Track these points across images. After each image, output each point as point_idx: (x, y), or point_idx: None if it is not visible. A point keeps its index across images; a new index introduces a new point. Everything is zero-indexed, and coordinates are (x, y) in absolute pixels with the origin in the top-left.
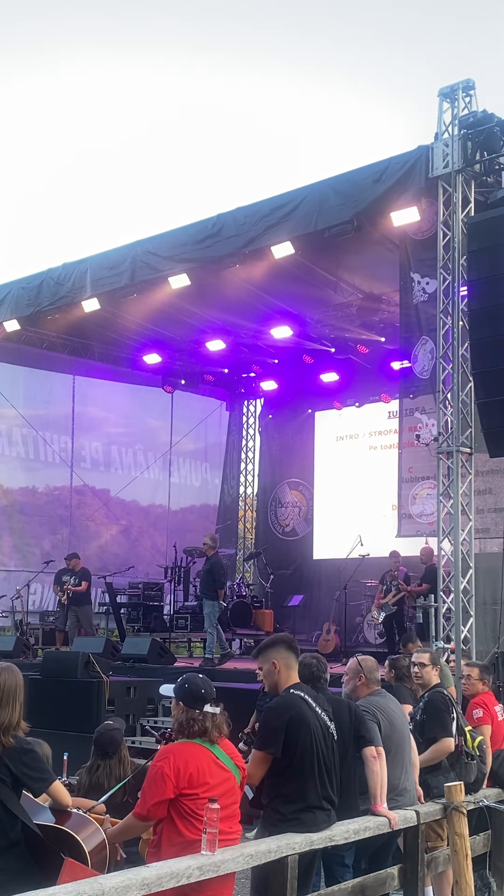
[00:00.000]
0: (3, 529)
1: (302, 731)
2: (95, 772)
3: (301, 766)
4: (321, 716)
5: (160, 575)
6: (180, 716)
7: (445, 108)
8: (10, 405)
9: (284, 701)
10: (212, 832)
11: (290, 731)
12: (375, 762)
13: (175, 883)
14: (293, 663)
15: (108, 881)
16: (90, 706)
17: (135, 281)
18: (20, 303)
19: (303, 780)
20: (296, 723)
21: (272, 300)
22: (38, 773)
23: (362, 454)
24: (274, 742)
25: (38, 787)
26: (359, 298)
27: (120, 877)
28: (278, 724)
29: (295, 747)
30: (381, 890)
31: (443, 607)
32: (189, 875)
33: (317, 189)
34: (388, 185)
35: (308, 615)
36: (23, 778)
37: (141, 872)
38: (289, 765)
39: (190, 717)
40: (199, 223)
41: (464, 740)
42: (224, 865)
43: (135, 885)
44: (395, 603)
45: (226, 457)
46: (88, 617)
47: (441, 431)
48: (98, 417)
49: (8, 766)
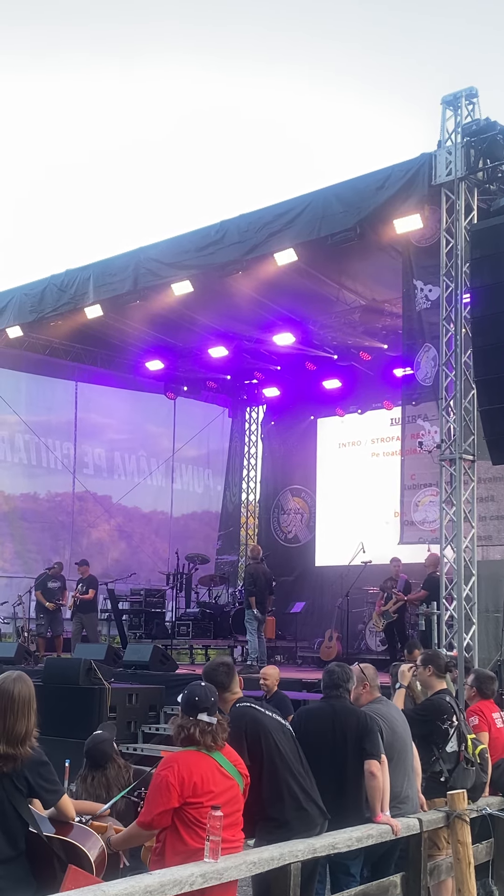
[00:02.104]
0: (4, 536)
1: (262, 734)
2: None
3: (272, 765)
4: (273, 716)
5: (162, 582)
6: (176, 721)
7: (448, 116)
8: (12, 411)
9: (235, 712)
10: (215, 840)
11: (250, 735)
12: (374, 777)
13: (178, 890)
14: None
15: (111, 888)
16: (92, 713)
17: (137, 287)
18: (23, 309)
19: (277, 779)
20: (253, 728)
21: (275, 307)
22: (52, 784)
23: (364, 461)
24: (238, 750)
25: (51, 799)
26: (361, 305)
27: (123, 884)
28: (238, 734)
29: (260, 750)
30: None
31: (445, 615)
32: (192, 882)
33: (320, 196)
34: (392, 192)
35: (310, 622)
36: (38, 789)
37: (144, 880)
38: (261, 769)
39: (181, 724)
40: (202, 230)
41: (465, 747)
42: (227, 873)
43: (138, 892)
44: (396, 611)
45: (228, 463)
46: (94, 624)
47: (444, 438)
48: (100, 424)
49: (26, 777)
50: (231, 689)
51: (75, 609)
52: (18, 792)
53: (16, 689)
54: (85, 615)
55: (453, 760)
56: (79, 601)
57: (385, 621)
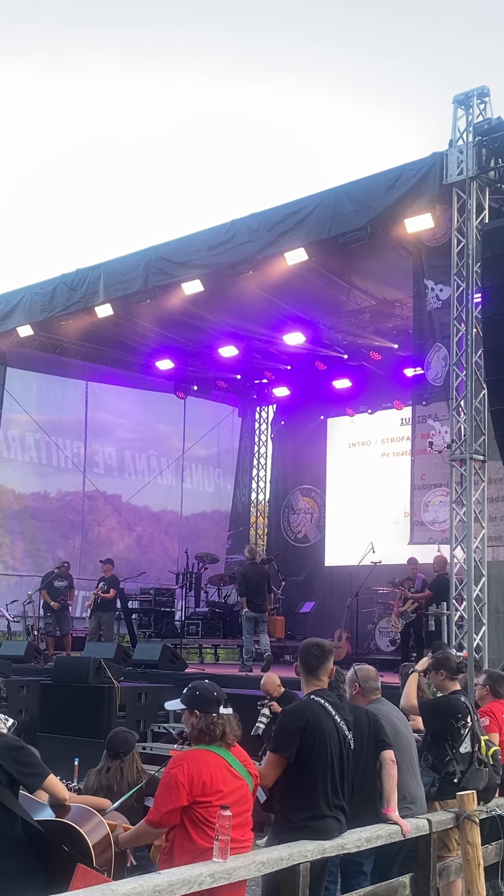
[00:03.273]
0: (15, 534)
1: (317, 737)
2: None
3: (314, 773)
4: (339, 724)
5: (172, 581)
6: (199, 723)
7: (460, 115)
8: (23, 410)
9: (302, 706)
10: (224, 839)
11: (306, 736)
12: (394, 766)
13: (187, 890)
14: (328, 668)
15: (119, 888)
16: (101, 712)
17: (148, 287)
18: (34, 308)
19: (314, 787)
20: (312, 729)
21: (285, 306)
22: (30, 768)
23: (374, 461)
24: (288, 746)
25: (33, 783)
26: (372, 305)
27: (132, 883)
28: (294, 729)
29: (309, 754)
30: None
31: (455, 615)
32: (201, 882)
33: (331, 195)
34: (403, 191)
35: (320, 622)
36: (16, 775)
37: (153, 879)
38: (301, 770)
39: (209, 721)
40: (213, 229)
41: (478, 748)
42: (236, 873)
43: (146, 891)
44: (414, 611)
45: (238, 463)
46: (111, 624)
47: (454, 439)
48: (111, 423)
49: (1, 765)
50: (316, 676)
51: (94, 607)
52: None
53: None
54: (104, 614)
55: (466, 761)
56: (99, 599)
57: (404, 622)
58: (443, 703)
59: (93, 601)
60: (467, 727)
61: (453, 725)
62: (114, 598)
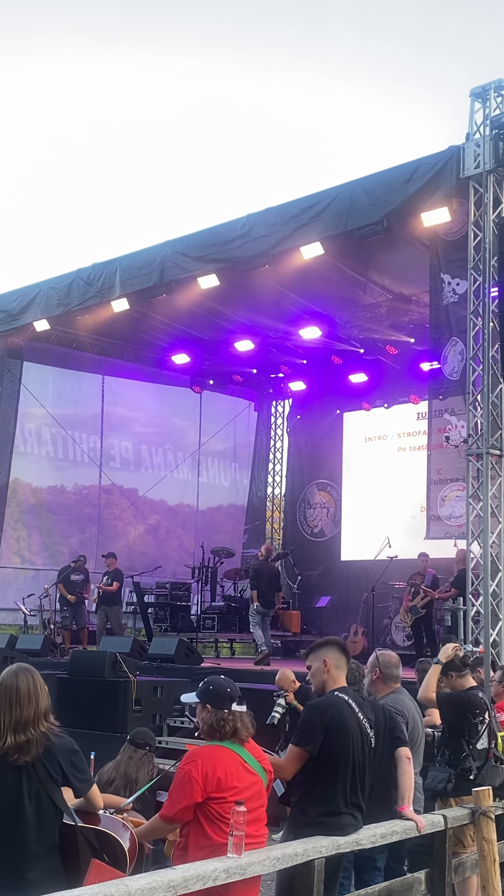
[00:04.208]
0: (32, 528)
1: (340, 734)
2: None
3: (335, 769)
4: (363, 722)
5: (188, 575)
6: (209, 718)
7: (477, 109)
8: (39, 405)
9: (328, 701)
10: (238, 835)
11: (330, 732)
12: (410, 763)
13: (201, 885)
14: (343, 664)
15: (134, 883)
16: (117, 706)
17: (164, 281)
18: (50, 302)
19: (334, 783)
20: (335, 724)
21: (301, 300)
22: (83, 774)
23: (391, 455)
24: (312, 740)
25: (83, 788)
26: (388, 299)
27: (146, 879)
28: (318, 723)
29: (332, 750)
30: (407, 895)
31: (472, 610)
32: (215, 878)
33: (347, 189)
34: (419, 185)
35: (336, 616)
36: (71, 777)
37: (167, 875)
38: (322, 766)
39: (220, 717)
40: (229, 223)
41: (495, 744)
42: (251, 868)
43: (161, 887)
44: (424, 606)
45: (254, 457)
46: (118, 617)
47: (471, 433)
48: (127, 417)
49: (60, 764)
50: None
51: (100, 601)
52: (53, 781)
53: (16, 682)
54: (109, 608)
55: (483, 757)
56: (103, 593)
57: (413, 617)
58: (460, 698)
59: (97, 595)
60: (484, 723)
61: (470, 721)
62: (118, 591)
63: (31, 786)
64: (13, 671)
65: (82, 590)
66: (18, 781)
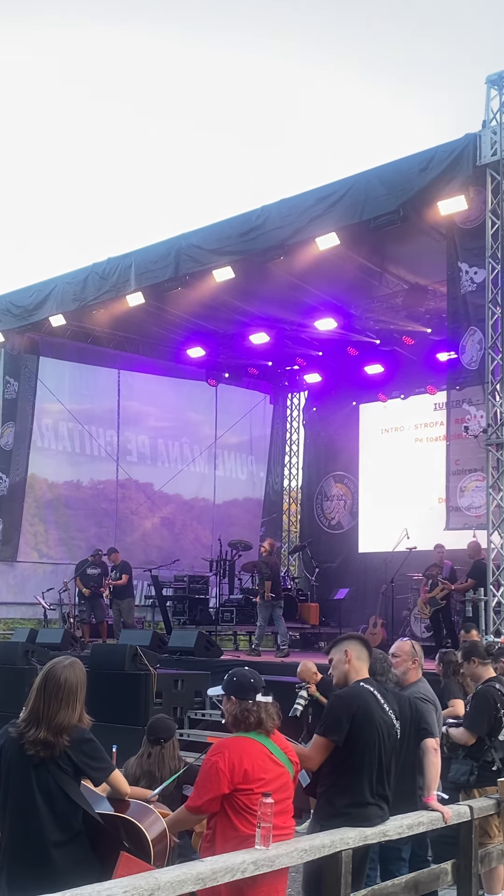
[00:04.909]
0: (49, 523)
1: (366, 725)
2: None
3: (361, 760)
4: (388, 713)
5: (205, 568)
6: (234, 709)
7: (493, 96)
8: (56, 400)
9: (353, 692)
10: (266, 827)
11: (356, 722)
12: (437, 754)
13: (230, 877)
14: (365, 657)
15: (163, 876)
16: (138, 699)
17: (179, 274)
18: (66, 298)
19: (360, 774)
20: (361, 716)
21: (316, 292)
22: (98, 762)
23: (408, 446)
24: (337, 730)
25: (99, 777)
26: (404, 289)
27: (175, 871)
28: (344, 714)
29: (357, 740)
30: (434, 885)
31: (493, 601)
32: (244, 870)
33: (362, 179)
34: (436, 173)
35: (354, 608)
36: (83, 767)
37: (196, 867)
38: (348, 756)
39: (244, 708)
40: (244, 215)
41: None
42: (278, 860)
43: (190, 879)
44: (443, 598)
45: (270, 450)
46: (130, 610)
47: (490, 423)
48: (143, 411)
49: (69, 756)
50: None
51: (112, 596)
52: (64, 773)
53: (63, 675)
54: (121, 601)
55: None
56: (113, 588)
57: (432, 608)
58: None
59: (108, 592)
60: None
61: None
62: (128, 583)
63: (41, 778)
64: (63, 665)
65: (98, 583)
66: (28, 774)
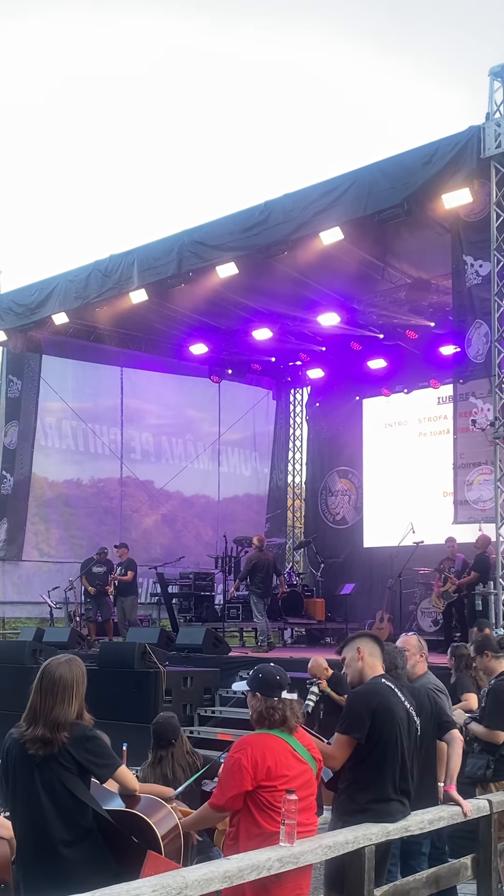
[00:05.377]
0: (53, 522)
1: (387, 720)
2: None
3: (383, 755)
4: (408, 707)
5: (210, 565)
6: (259, 706)
7: (497, 88)
8: (59, 398)
9: (372, 687)
10: (290, 824)
11: (376, 718)
12: (461, 745)
13: (256, 875)
14: (377, 654)
15: (190, 874)
16: (148, 696)
17: (182, 270)
18: (68, 295)
19: (382, 770)
20: (382, 711)
21: (319, 287)
22: (102, 759)
23: (412, 441)
24: (359, 727)
25: (104, 774)
26: (407, 283)
27: (202, 870)
28: (365, 711)
29: (379, 736)
30: (454, 880)
31: (502, 594)
32: (269, 867)
33: (366, 173)
34: (440, 167)
35: (360, 603)
36: (87, 765)
37: (223, 865)
38: (370, 752)
39: (269, 705)
40: (247, 211)
41: None
42: (303, 857)
43: (217, 877)
44: (455, 591)
45: (273, 446)
46: (133, 607)
47: (497, 416)
48: (146, 409)
49: (71, 754)
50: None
51: (116, 593)
52: (68, 771)
53: (58, 672)
54: (125, 598)
55: None
56: (118, 584)
57: (445, 602)
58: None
59: (112, 587)
60: None
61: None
62: (133, 580)
63: (44, 777)
64: (59, 661)
65: (104, 581)
66: (32, 773)
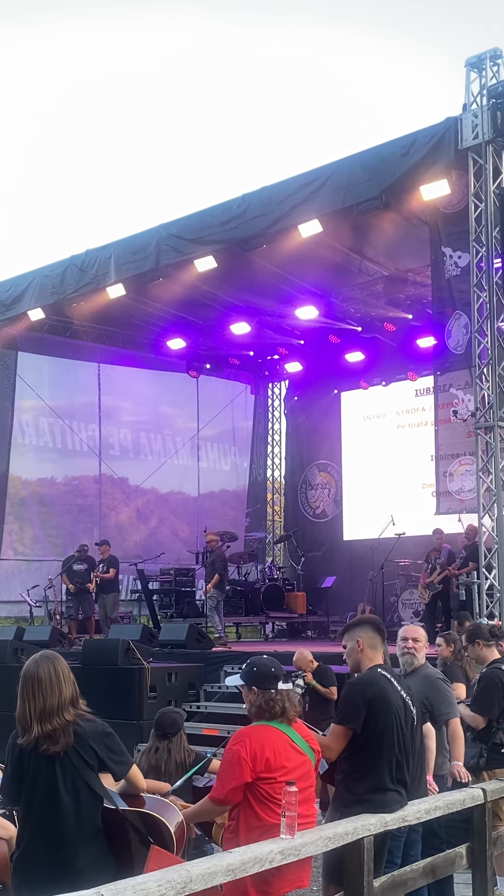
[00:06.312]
0: (32, 520)
1: (383, 710)
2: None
3: (379, 745)
4: (404, 697)
5: (191, 560)
6: (257, 699)
7: (473, 79)
8: (35, 395)
9: (368, 677)
10: (290, 815)
11: (372, 708)
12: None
13: (259, 868)
14: (378, 644)
15: (195, 868)
16: (132, 693)
17: (160, 265)
18: (44, 291)
19: (379, 759)
20: (378, 701)
21: (297, 280)
22: (120, 756)
23: (390, 433)
24: (355, 717)
25: (121, 771)
26: (384, 276)
27: (206, 863)
28: (360, 700)
29: (375, 725)
30: (450, 869)
31: (486, 584)
32: (272, 860)
33: (344, 165)
34: (417, 158)
35: (341, 596)
36: (107, 761)
37: (225, 859)
38: (367, 742)
39: (268, 698)
40: (225, 204)
41: None
42: (304, 849)
43: (220, 871)
44: (441, 581)
45: (252, 440)
46: (115, 605)
47: (479, 406)
48: (124, 405)
49: (94, 749)
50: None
51: (98, 590)
52: (88, 767)
53: (36, 672)
54: (106, 595)
55: None
56: (100, 581)
57: (430, 592)
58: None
59: (94, 585)
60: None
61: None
62: (115, 577)
63: (67, 774)
64: (35, 660)
65: (84, 579)
66: (53, 771)
